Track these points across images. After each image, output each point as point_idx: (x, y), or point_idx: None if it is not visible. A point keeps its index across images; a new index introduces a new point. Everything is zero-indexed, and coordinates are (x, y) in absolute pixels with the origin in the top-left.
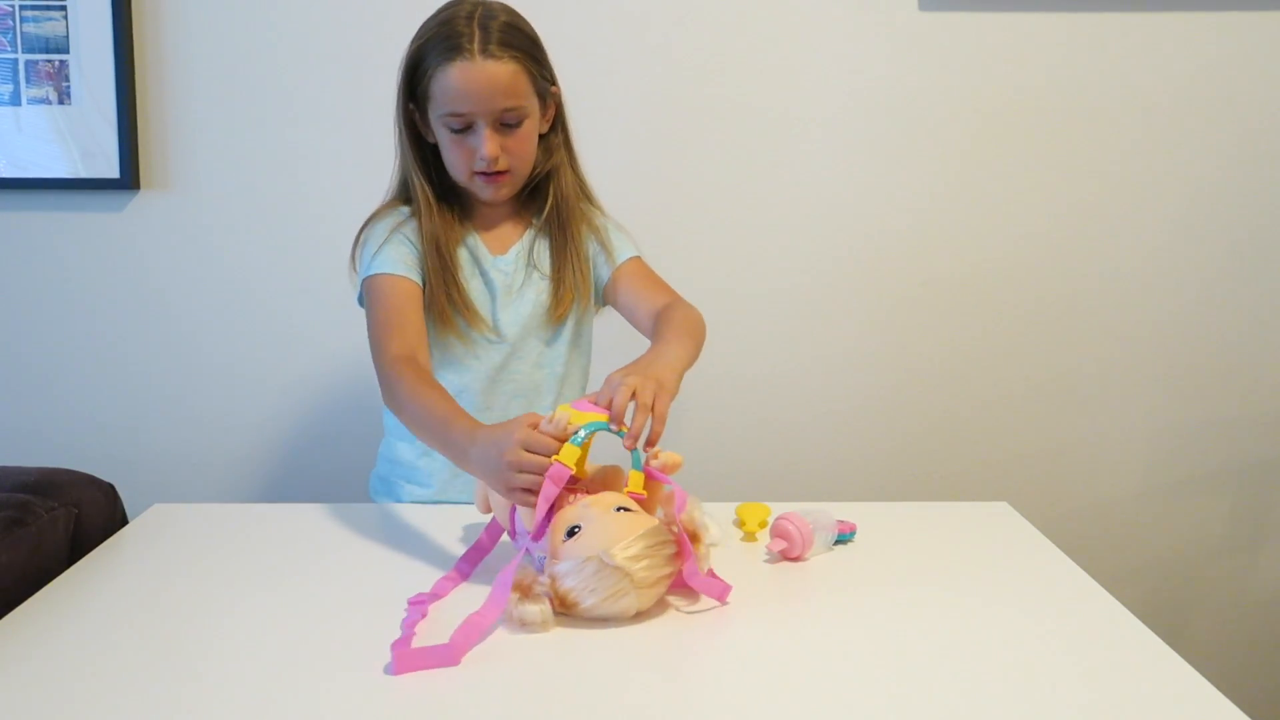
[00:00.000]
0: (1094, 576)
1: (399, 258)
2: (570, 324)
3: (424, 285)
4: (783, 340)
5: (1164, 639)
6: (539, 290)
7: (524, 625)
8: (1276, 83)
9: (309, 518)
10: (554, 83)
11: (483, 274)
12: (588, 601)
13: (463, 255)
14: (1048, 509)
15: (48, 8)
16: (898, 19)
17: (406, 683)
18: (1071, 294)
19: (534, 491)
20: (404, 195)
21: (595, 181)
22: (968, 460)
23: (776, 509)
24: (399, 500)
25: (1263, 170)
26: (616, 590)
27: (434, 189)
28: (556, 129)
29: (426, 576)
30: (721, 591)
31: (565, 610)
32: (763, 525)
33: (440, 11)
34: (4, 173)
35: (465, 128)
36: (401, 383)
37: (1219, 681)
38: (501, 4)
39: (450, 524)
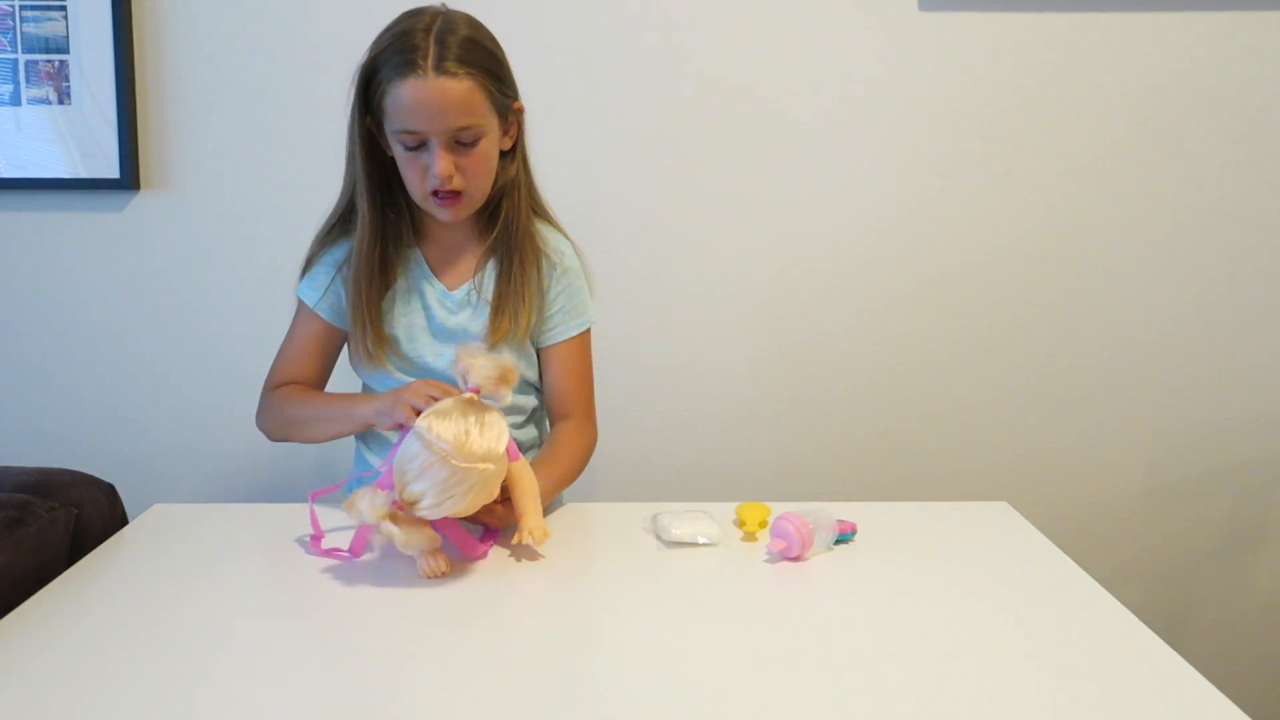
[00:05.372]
0: (1094, 576)
1: (333, 300)
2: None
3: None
4: (783, 340)
5: (1164, 639)
6: (480, 322)
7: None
8: (1277, 82)
9: (309, 518)
10: (516, 98)
11: (425, 308)
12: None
13: (402, 286)
14: (1048, 509)
15: (48, 8)
16: (898, 19)
17: (407, 684)
18: (1071, 294)
19: (418, 412)
20: (351, 218)
21: (595, 183)
22: (968, 460)
23: (776, 509)
24: None
25: (1263, 170)
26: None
27: (379, 212)
28: (516, 148)
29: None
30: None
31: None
32: (763, 525)
33: (399, 21)
34: (4, 173)
35: (419, 145)
36: (284, 401)
37: (1219, 681)
38: (464, 15)
39: None
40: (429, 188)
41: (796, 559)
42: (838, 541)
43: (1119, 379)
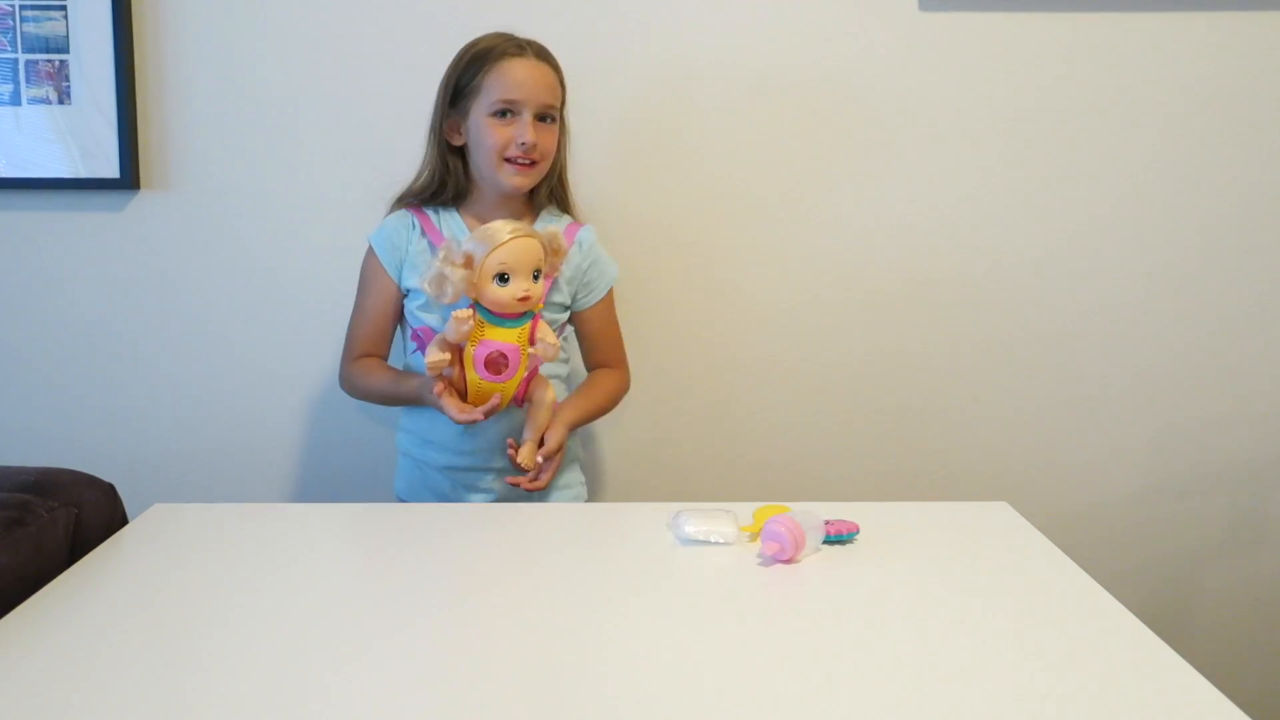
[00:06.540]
0: (1094, 576)
1: (396, 262)
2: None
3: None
4: (782, 341)
5: (1164, 639)
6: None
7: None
8: (1277, 83)
9: (309, 518)
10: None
11: None
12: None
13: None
14: (1048, 509)
15: (48, 8)
16: (898, 19)
17: (407, 685)
18: (1071, 294)
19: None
20: (424, 195)
21: (594, 182)
22: (968, 460)
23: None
24: (430, 489)
25: (1263, 170)
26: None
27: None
28: (560, 149)
29: (428, 577)
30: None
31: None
32: None
33: (481, 40)
34: (4, 173)
35: (511, 116)
36: (363, 374)
37: (1219, 681)
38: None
39: (451, 525)
40: (509, 153)
41: (790, 561)
42: (839, 541)
43: (1119, 379)
